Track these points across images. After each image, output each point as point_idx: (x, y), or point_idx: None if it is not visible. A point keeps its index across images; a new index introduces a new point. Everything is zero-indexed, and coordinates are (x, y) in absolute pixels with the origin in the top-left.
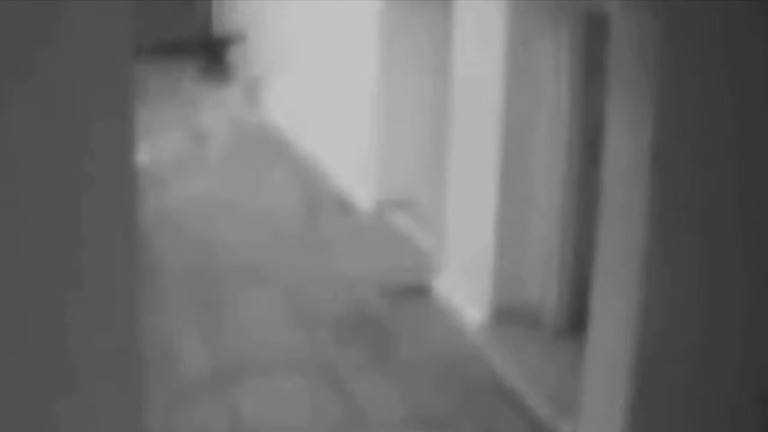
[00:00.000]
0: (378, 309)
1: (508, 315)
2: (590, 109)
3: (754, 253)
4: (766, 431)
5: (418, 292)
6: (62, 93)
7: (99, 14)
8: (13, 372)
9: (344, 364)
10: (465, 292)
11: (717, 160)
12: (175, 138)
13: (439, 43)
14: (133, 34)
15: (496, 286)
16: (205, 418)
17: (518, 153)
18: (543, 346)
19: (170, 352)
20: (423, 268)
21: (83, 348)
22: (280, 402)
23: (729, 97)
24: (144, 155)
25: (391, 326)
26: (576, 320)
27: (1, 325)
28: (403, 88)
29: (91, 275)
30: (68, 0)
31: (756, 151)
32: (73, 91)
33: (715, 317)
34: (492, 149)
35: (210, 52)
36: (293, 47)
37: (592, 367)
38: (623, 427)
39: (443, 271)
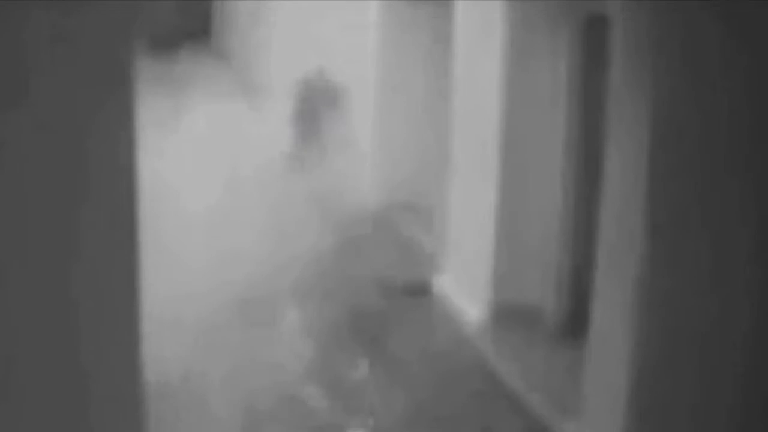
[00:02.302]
0: (379, 308)
1: (508, 315)
2: (590, 109)
3: (754, 253)
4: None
5: (418, 291)
6: (66, 98)
7: (102, 23)
8: (22, 370)
9: (343, 363)
10: (465, 292)
11: (716, 160)
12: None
13: (440, 45)
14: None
15: (496, 286)
16: (213, 420)
17: (518, 154)
18: (543, 346)
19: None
20: (424, 268)
21: (86, 349)
22: (280, 400)
23: (728, 97)
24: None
25: (392, 326)
26: (576, 320)
27: (7, 325)
28: (404, 90)
29: (94, 271)
30: (73, 7)
31: (756, 151)
32: (77, 94)
33: (714, 317)
34: (492, 151)
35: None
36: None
37: (592, 367)
38: (624, 427)
39: (444, 271)
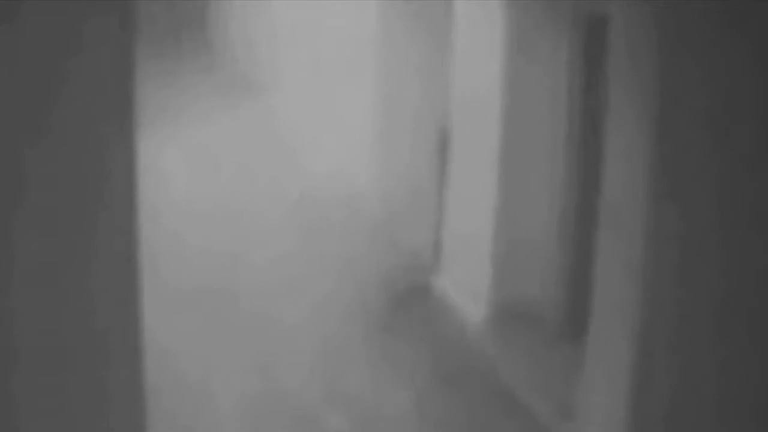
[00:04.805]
0: (378, 307)
1: (508, 314)
2: (590, 108)
3: (755, 252)
4: None
5: (418, 290)
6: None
7: (101, 19)
8: (22, 368)
9: (343, 362)
10: (465, 291)
11: (717, 160)
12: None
13: (441, 44)
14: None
15: (496, 285)
16: (216, 420)
17: (518, 153)
18: (543, 346)
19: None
20: (424, 267)
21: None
22: (277, 401)
23: (728, 97)
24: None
25: (392, 325)
26: (576, 320)
27: (10, 324)
28: (404, 89)
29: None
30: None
31: (756, 151)
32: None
33: (715, 317)
34: (492, 149)
35: None
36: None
37: (592, 367)
38: (624, 428)
39: (444, 270)
